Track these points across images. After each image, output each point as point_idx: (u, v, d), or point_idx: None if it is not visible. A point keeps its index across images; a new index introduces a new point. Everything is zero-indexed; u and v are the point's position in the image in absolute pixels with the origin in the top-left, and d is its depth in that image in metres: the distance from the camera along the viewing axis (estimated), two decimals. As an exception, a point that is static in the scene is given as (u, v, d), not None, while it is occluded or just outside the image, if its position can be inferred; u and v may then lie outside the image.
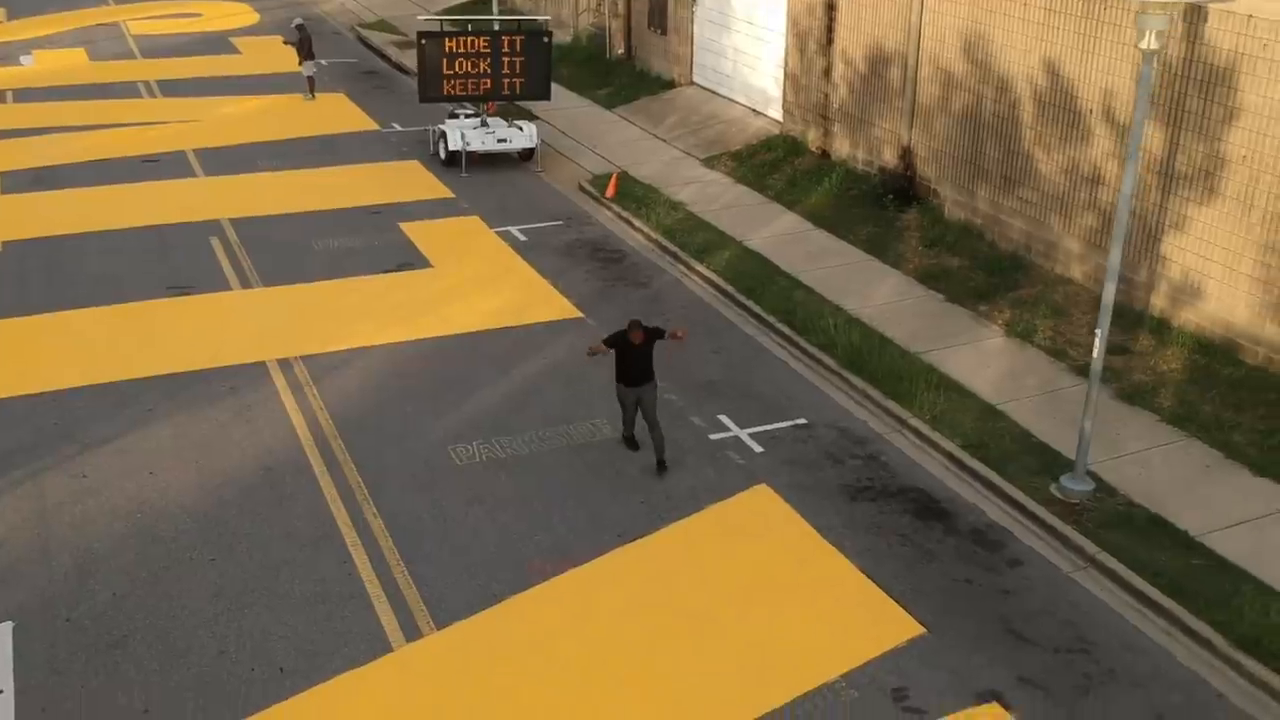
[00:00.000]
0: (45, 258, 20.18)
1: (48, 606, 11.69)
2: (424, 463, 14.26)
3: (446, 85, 24.93)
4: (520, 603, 11.89)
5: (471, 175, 24.91)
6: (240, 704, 10.48)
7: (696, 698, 10.65)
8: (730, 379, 16.54)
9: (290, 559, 12.46)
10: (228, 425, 15.04)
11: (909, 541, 13.02)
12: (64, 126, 27.99)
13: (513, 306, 18.67)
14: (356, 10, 43.20)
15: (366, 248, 20.88)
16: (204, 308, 18.45)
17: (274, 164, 25.45)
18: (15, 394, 15.66)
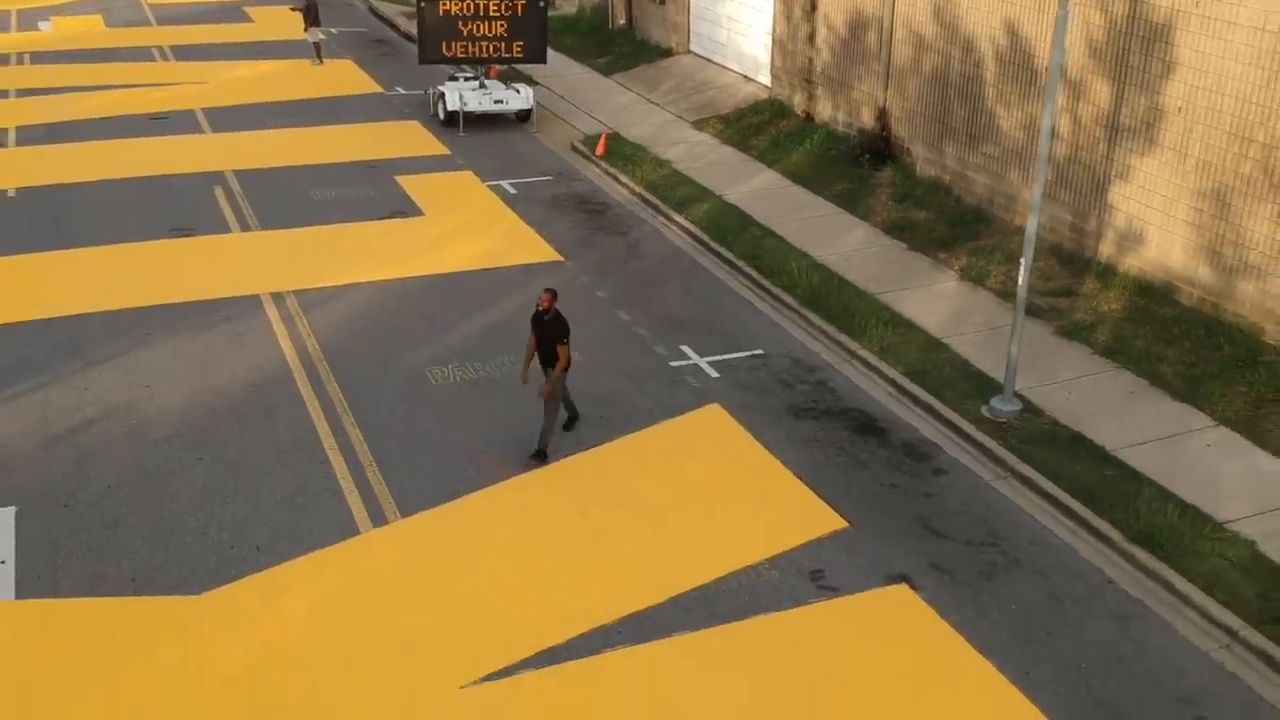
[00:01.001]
0: (55, 203, 21.36)
1: (48, 494, 12.84)
2: (402, 382, 15.35)
3: (445, 47, 25.99)
4: (479, 498, 12.98)
5: (468, 135, 25.97)
6: (219, 575, 11.60)
7: (633, 577, 11.69)
8: (696, 316, 17.55)
9: (272, 460, 13.57)
10: (221, 349, 16.17)
11: (844, 453, 14.03)
12: (78, 86, 29.20)
13: (497, 250, 19.73)
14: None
15: (362, 197, 21.98)
16: (203, 248, 19.59)
17: (279, 122, 26.58)
18: (26, 319, 16.83)
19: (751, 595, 11.50)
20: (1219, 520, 12.48)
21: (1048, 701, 10.24)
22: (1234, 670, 10.73)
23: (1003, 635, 11.05)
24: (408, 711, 9.99)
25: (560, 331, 13.28)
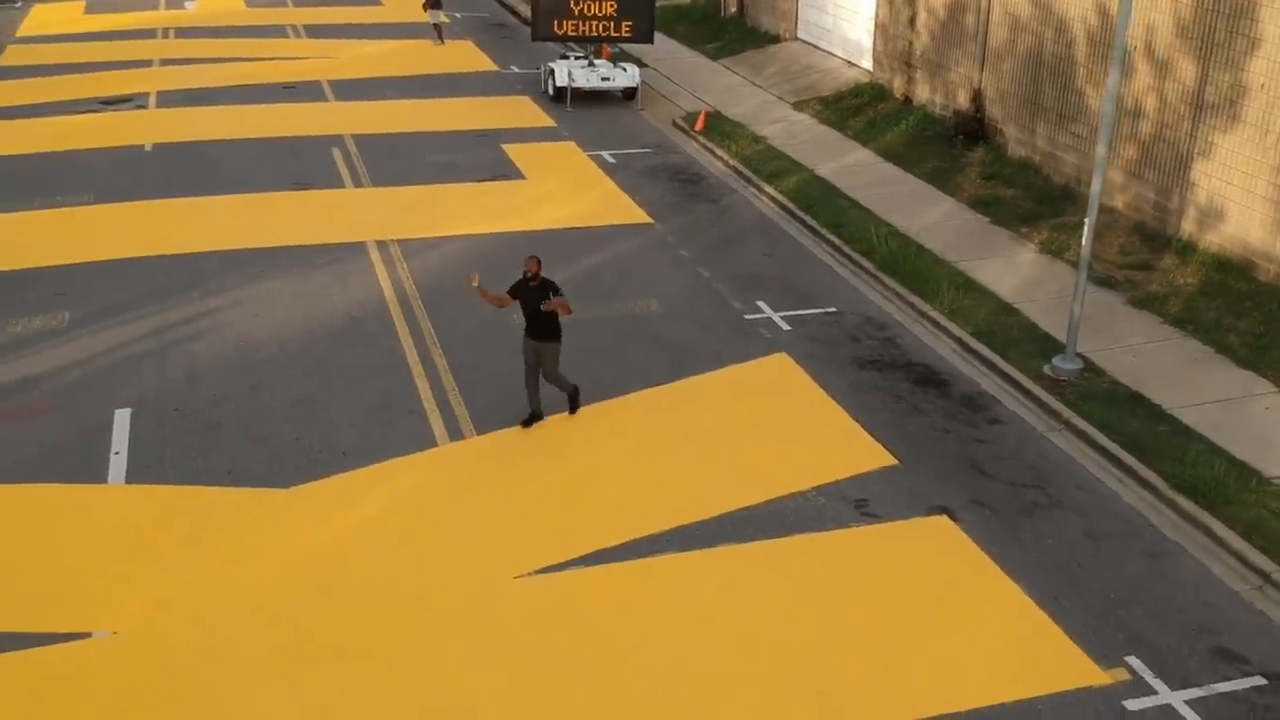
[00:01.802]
0: (188, 157, 22.96)
1: (161, 400, 14.11)
2: (488, 321, 16.31)
3: (556, 25, 27.06)
4: (549, 423, 13.83)
5: (575, 110, 26.97)
6: (306, 474, 12.68)
7: (685, 496, 12.42)
8: (775, 275, 18.19)
9: (364, 380, 14.65)
10: (326, 285, 17.37)
11: (903, 401, 14.54)
12: (215, 58, 31.06)
13: (590, 212, 20.64)
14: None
15: (469, 162, 23.11)
16: (318, 200, 20.91)
17: (397, 94, 27.95)
18: (153, 254, 18.28)
19: (796, 517, 12.13)
20: (1267, 475, 12.68)
21: (1071, 624, 10.65)
22: (1262, 609, 11.00)
23: (1035, 564, 11.48)
24: (466, 594, 10.88)
25: (549, 291, 13.20)
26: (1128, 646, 10.43)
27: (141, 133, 24.50)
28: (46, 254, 18.25)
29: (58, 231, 19.22)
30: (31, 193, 20.86)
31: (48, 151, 23.15)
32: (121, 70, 29.63)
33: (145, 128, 24.88)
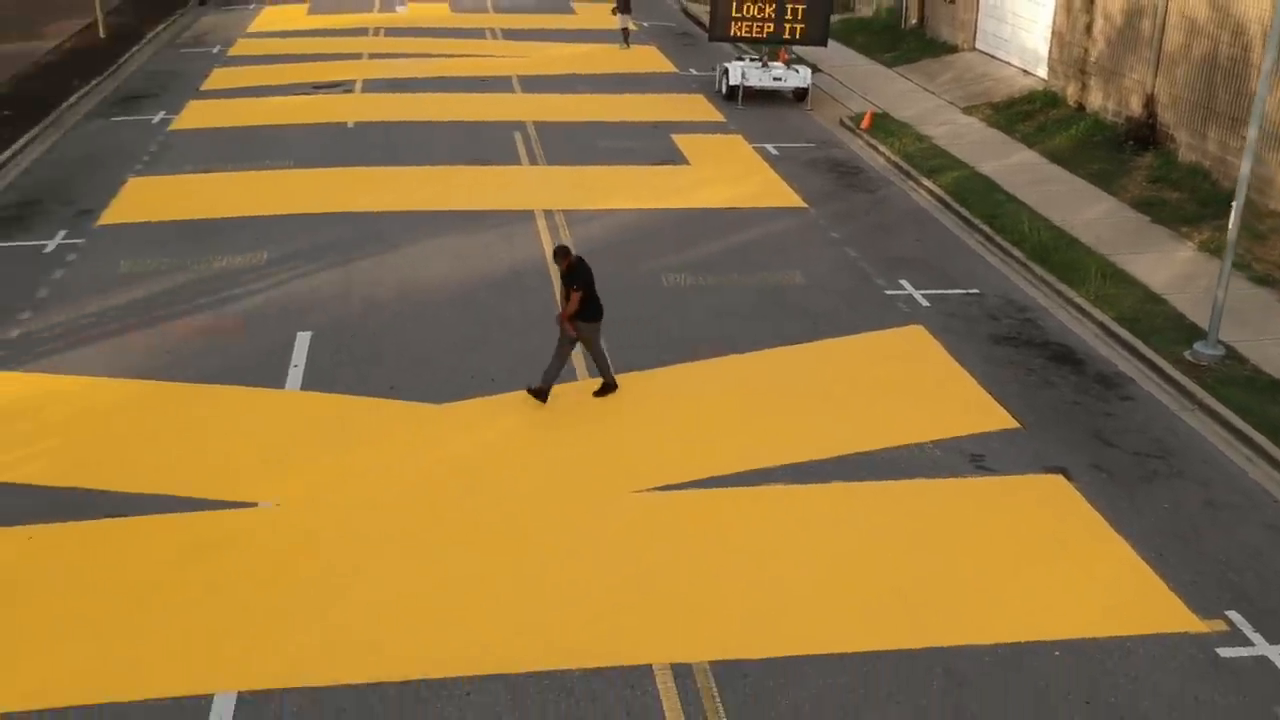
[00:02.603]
0: (384, 134, 24.78)
1: (338, 328, 15.54)
2: (639, 281, 17.27)
3: (733, 26, 28.00)
4: (685, 367, 14.68)
5: (746, 108, 27.82)
6: (458, 394, 13.83)
7: (804, 437, 13.05)
8: (922, 258, 18.60)
9: (518, 324, 15.79)
10: (493, 244, 18.66)
11: (1035, 374, 14.79)
12: (418, 54, 33.18)
13: (748, 195, 21.43)
14: (688, -11, 47.20)
15: (638, 149, 24.22)
16: (495, 173, 22.35)
17: (579, 89, 29.36)
18: (343, 210, 19.95)
19: (911, 464, 12.60)
20: (1403, 462, 12.49)
21: (1174, 578, 10.81)
22: (1378, 581, 10.93)
23: (1147, 524, 11.65)
24: (587, 501, 11.78)
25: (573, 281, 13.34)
26: (1231, 603, 10.55)
27: (345, 112, 26.53)
28: (254, 206, 20.14)
29: (265, 189, 21.14)
30: (246, 157, 22.95)
31: (263, 125, 25.33)
32: (333, 61, 31.99)
33: (349, 108, 26.92)
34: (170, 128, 25.22)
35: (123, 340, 15.15)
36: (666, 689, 9.31)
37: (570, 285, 13.40)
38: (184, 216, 19.72)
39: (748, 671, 9.51)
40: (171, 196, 20.80)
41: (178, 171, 22.20)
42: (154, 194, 20.94)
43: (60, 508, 11.51)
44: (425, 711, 9.02)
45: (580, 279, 13.38)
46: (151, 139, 24.36)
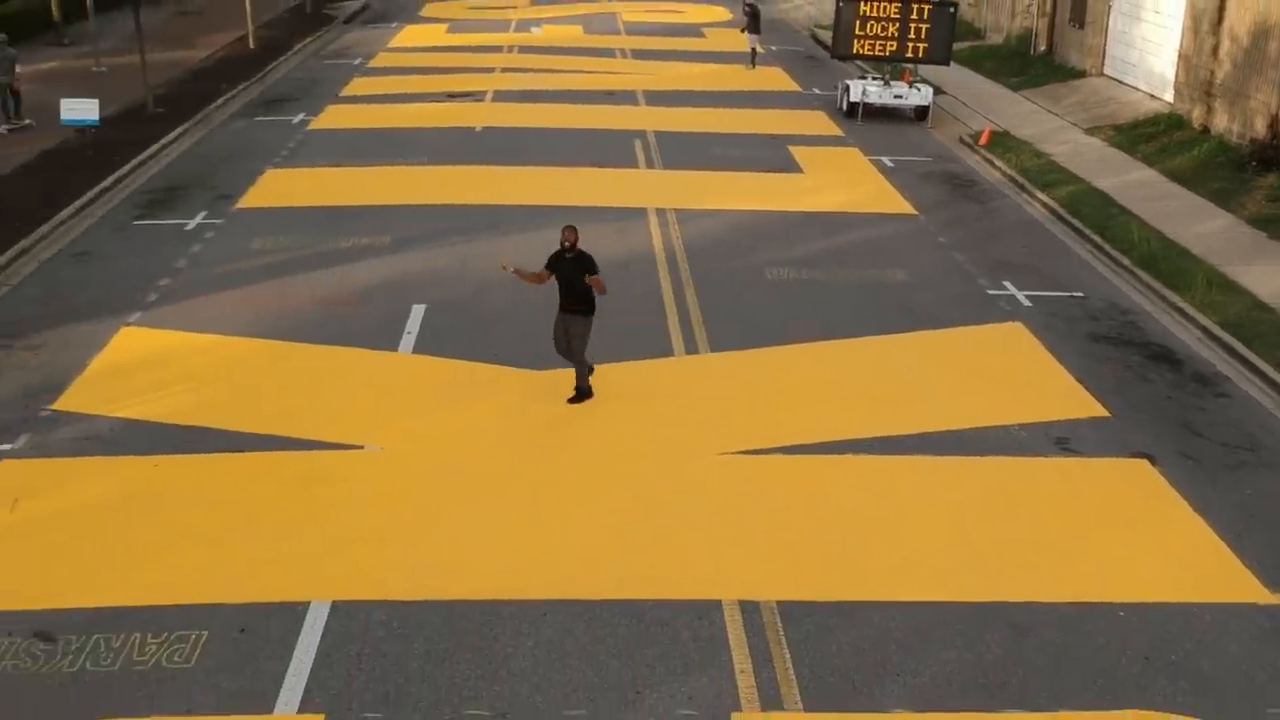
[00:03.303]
0: (510, 138, 25.78)
1: (451, 302, 16.37)
2: (742, 273, 17.74)
3: (856, 44, 28.40)
4: (778, 350, 15.08)
5: (865, 124, 28.12)
6: (559, 363, 14.42)
7: (892, 413, 13.33)
8: (1028, 263, 18.68)
9: (621, 305, 16.28)
10: (604, 235, 19.25)
11: (1131, 370, 14.80)
12: (550, 69, 34.30)
13: (857, 201, 21.74)
14: (819, 17, 47.67)
15: (754, 157, 24.74)
16: (612, 175, 23.11)
17: (702, 104, 30.03)
18: (465, 203, 20.89)
19: (995, 443, 12.78)
20: None
21: (1248, 553, 10.79)
22: None
23: (1229, 507, 11.63)
24: (671, 459, 12.27)
25: (588, 266, 13.12)
26: (1308, 583, 10.50)
27: (474, 118, 27.65)
28: (381, 196, 21.23)
29: (393, 182, 22.25)
30: (377, 155, 24.15)
31: (395, 127, 26.58)
32: (468, 74, 33.28)
33: (478, 115, 28.05)
34: (309, 127, 26.65)
35: (250, 306, 16.19)
36: (733, 621, 9.71)
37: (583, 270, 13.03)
38: (316, 203, 20.89)
39: (812, 611, 9.85)
40: (305, 186, 22.04)
41: (313, 165, 23.49)
42: (289, 183, 22.22)
43: (184, 442, 12.45)
44: (503, 628, 9.58)
45: (593, 265, 13.10)
46: (291, 137, 25.79)
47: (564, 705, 8.75)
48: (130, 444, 12.40)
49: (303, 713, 8.63)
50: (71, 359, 14.41)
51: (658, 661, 9.24)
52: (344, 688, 8.87)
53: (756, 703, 8.83)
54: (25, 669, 9.01)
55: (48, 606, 9.73)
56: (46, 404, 13.24)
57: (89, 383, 13.83)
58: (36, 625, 9.49)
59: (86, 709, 8.61)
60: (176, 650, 9.23)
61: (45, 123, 24.64)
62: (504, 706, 8.72)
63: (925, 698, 8.94)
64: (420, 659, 9.20)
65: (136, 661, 9.10)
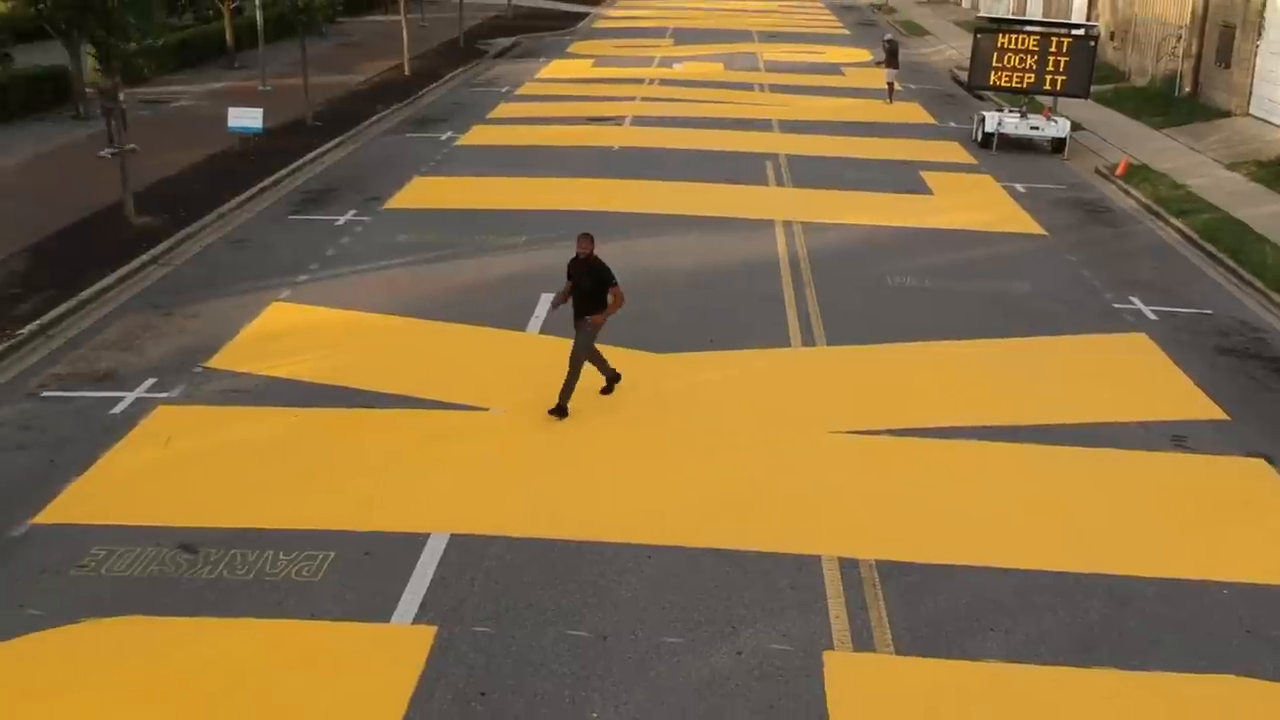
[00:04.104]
0: (644, 157, 26.51)
1: (579, 293, 17.00)
2: (863, 279, 18.01)
3: (994, 76, 28.46)
4: (894, 347, 15.29)
5: (999, 154, 28.07)
6: (680, 347, 14.94)
7: (1007, 405, 13.44)
8: (1157, 281, 18.52)
9: (743, 301, 16.83)
10: (730, 243, 19.84)
11: (1255, 381, 14.59)
12: (689, 99, 35.11)
13: (987, 221, 21.80)
14: (960, 60, 47.68)
15: (884, 179, 24.98)
16: (740, 191, 23.63)
17: (835, 133, 30.39)
18: (601, 209, 21.59)
19: (1111, 437, 12.77)
20: None
21: (1369, 550, 10.61)
22: None
23: (1349, 507, 11.43)
24: (782, 434, 12.59)
25: (603, 275, 12.79)
26: None
27: (613, 139, 28.51)
28: (520, 202, 22.12)
29: (531, 190, 23.15)
30: (519, 168, 25.13)
31: (537, 145, 27.58)
32: (608, 102, 34.31)
33: (616, 137, 28.91)
34: (456, 143, 27.85)
35: (391, 289, 17.09)
36: (832, 575, 9.97)
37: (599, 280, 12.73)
38: (459, 206, 21.88)
39: (910, 570, 10.05)
40: (450, 191, 23.09)
41: (458, 174, 24.58)
42: (435, 189, 23.30)
43: (323, 398, 13.28)
44: (608, 566, 10.01)
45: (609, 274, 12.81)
46: (438, 151, 26.99)
47: (663, 633, 9.13)
48: (273, 397, 13.28)
49: (417, 624, 9.19)
50: (225, 327, 15.46)
51: (755, 604, 9.55)
52: (456, 606, 9.40)
53: (849, 644, 9.07)
54: (169, 574, 9.79)
55: (191, 525, 10.53)
56: (200, 362, 14.26)
57: (239, 346, 14.83)
58: (181, 540, 10.29)
59: (221, 608, 9.32)
60: (305, 566, 9.92)
61: (213, 131, 26.32)
62: (606, 630, 9.14)
63: (1018, 653, 9.05)
64: (529, 586, 9.69)
65: (268, 574, 9.80)
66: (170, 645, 8.89)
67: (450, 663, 8.70)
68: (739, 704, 8.36)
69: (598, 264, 12.85)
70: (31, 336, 14.86)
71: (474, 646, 8.90)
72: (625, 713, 8.24)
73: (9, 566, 9.88)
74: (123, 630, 9.05)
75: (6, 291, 16.34)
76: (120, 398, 13.22)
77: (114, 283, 16.98)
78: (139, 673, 8.58)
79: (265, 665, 8.70)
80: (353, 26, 51.09)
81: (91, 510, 10.79)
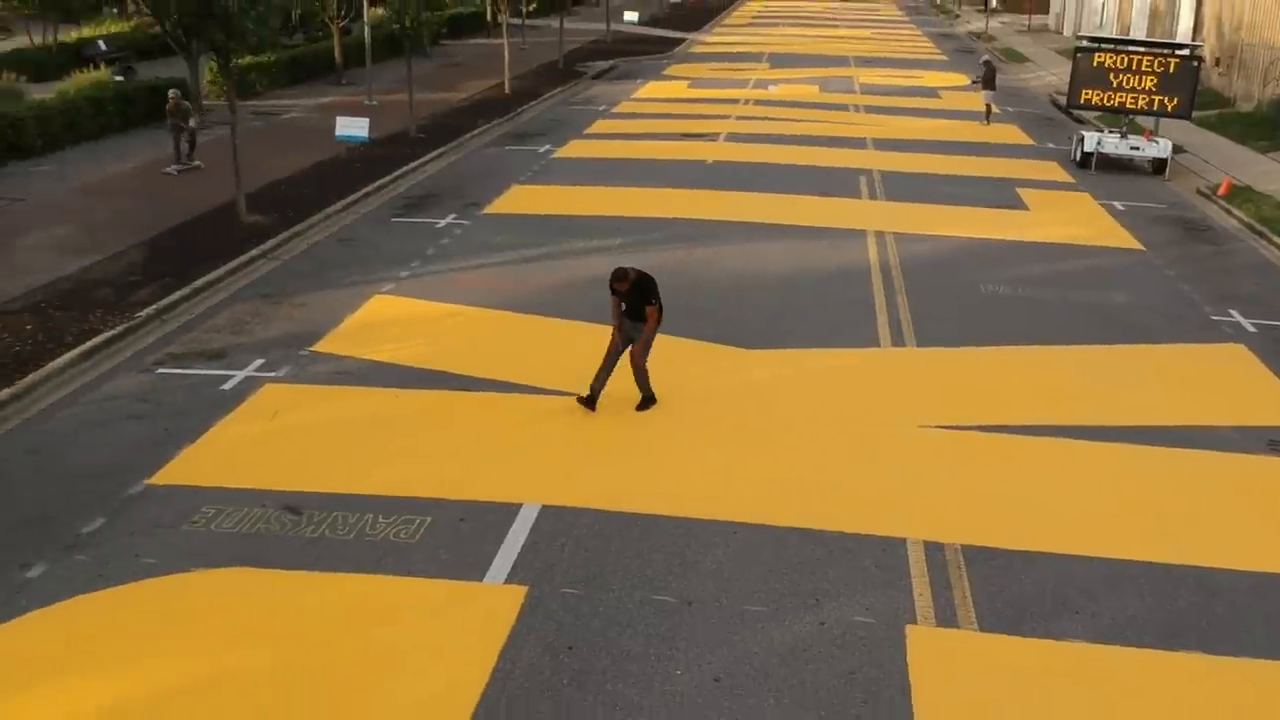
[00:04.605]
0: (737, 170, 26.78)
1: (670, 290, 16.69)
2: (955, 286, 18.00)
3: (1093, 96, 28.20)
4: (986, 350, 15.28)
5: (1098, 174, 27.79)
6: (767, 343, 15.12)
7: (1096, 405, 13.37)
8: (1257, 295, 18.23)
9: (833, 304, 16.95)
10: (821, 250, 19.97)
11: (1360, 391, 14.30)
12: (783, 118, 35.35)
13: (1084, 236, 21.61)
14: (1059, 85, 47.21)
15: (979, 195, 24.91)
16: (833, 203, 23.73)
17: (930, 151, 30.34)
18: (690, 217, 21.91)
19: (1202, 440, 12.63)
20: None
21: None
22: None
23: None
24: (871, 426, 12.70)
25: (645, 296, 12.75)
26: None
27: (707, 154, 28.86)
28: (615, 209, 22.52)
29: (626, 199, 23.54)
30: (614, 179, 25.58)
31: (632, 158, 28.04)
32: (703, 120, 34.70)
33: (710, 151, 29.25)
34: (554, 156, 28.42)
35: (488, 285, 17.54)
36: (916, 556, 10.05)
37: (643, 303, 12.75)
38: (555, 212, 22.34)
39: (996, 555, 10.08)
40: (547, 199, 23.59)
41: (555, 184, 25.09)
42: (533, 196, 23.82)
43: (422, 380, 13.72)
44: (694, 539, 10.22)
45: (652, 293, 12.78)
46: (536, 162, 27.57)
47: (746, 602, 9.30)
48: (375, 379, 13.76)
49: (509, 584, 9.48)
50: (330, 315, 16.03)
51: (839, 580, 9.67)
52: (547, 569, 9.68)
53: (933, 620, 9.15)
54: (274, 531, 10.24)
55: (295, 489, 10.99)
56: (306, 346, 14.82)
57: (343, 333, 15.37)
58: (285, 502, 10.74)
59: (323, 564, 9.72)
60: (403, 529, 10.29)
61: (320, 140, 27.23)
62: (690, 597, 9.34)
63: (1104, 635, 9.04)
64: (617, 554, 9.94)
65: (368, 535, 10.19)
66: (275, 593, 9.32)
67: (540, 619, 8.98)
68: (821, 669, 8.49)
69: (642, 285, 12.73)
70: (148, 320, 15.58)
71: (563, 606, 9.17)
72: (708, 671, 8.43)
73: (125, 521, 10.41)
74: (231, 579, 9.49)
75: (126, 279, 17.15)
76: (230, 375, 13.81)
77: (225, 274, 17.71)
78: (245, 616, 9.00)
79: (365, 613, 9.06)
80: (455, 49, 52.27)
81: (202, 473, 11.32)
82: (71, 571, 9.58)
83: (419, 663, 8.45)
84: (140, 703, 8.02)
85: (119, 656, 8.51)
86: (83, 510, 10.57)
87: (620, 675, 8.35)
